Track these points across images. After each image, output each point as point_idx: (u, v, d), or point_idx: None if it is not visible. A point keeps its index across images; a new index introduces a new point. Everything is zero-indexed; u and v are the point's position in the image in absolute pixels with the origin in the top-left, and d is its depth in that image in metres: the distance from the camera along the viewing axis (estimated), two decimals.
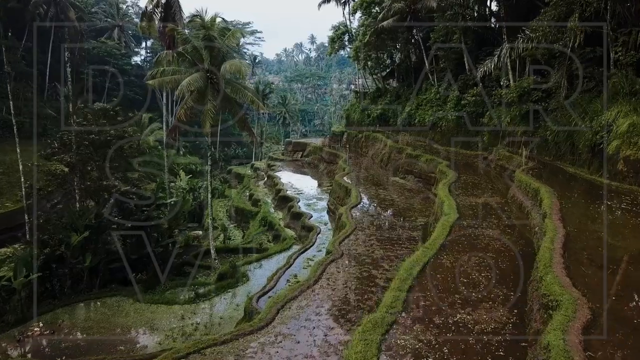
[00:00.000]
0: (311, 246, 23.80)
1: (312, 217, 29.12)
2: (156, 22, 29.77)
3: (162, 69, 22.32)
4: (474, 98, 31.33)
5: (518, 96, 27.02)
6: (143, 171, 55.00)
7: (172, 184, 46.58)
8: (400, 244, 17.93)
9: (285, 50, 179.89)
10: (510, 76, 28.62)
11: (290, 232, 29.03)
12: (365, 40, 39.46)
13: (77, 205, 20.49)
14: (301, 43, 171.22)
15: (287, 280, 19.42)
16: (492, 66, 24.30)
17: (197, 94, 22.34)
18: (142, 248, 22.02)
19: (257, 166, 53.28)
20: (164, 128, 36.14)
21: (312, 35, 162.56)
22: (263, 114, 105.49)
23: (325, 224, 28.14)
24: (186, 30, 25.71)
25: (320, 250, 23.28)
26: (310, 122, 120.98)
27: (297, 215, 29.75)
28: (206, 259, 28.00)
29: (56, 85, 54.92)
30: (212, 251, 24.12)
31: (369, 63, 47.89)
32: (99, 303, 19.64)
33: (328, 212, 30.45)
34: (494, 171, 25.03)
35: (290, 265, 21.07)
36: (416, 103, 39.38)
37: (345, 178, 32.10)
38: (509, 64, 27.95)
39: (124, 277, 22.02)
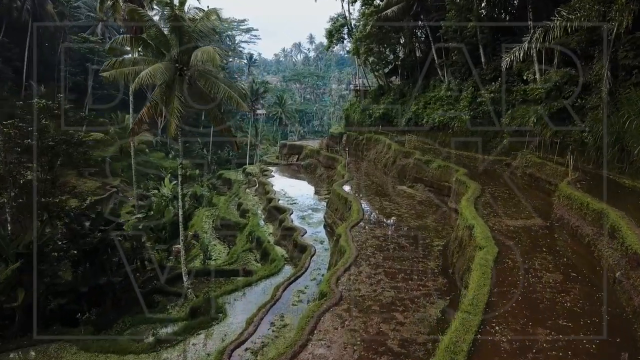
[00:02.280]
0: (303, 272, 19.77)
1: (306, 233, 25.06)
2: (121, 4, 25.60)
3: (121, 58, 18.35)
4: (492, 95, 27.31)
5: (547, 92, 23.07)
6: (126, 176, 51.21)
7: (155, 191, 42.50)
8: (415, 279, 13.87)
9: (283, 50, 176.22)
10: (536, 69, 24.57)
11: (280, 251, 24.97)
12: (367, 31, 35.41)
13: (10, 228, 16.45)
14: (300, 43, 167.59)
15: (271, 323, 15.41)
16: (521, 55, 20.25)
17: (166, 89, 18.32)
18: (95, 278, 17.94)
19: (249, 171, 49.20)
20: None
21: (311, 35, 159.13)
22: (260, 114, 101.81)
23: (322, 242, 24.06)
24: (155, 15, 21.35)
25: (314, 279, 19.25)
26: (309, 123, 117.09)
27: (289, 231, 25.69)
28: (181, 284, 23.97)
29: (31, 83, 50.80)
30: (184, 278, 20.04)
31: (370, 58, 43.83)
32: (33, 353, 15.53)
33: (325, 227, 26.42)
34: (522, 181, 20.97)
35: (277, 301, 17.05)
36: (423, 101, 35.34)
37: (344, 187, 28.05)
38: (535, 54, 23.92)
39: (74, 313, 17.96)
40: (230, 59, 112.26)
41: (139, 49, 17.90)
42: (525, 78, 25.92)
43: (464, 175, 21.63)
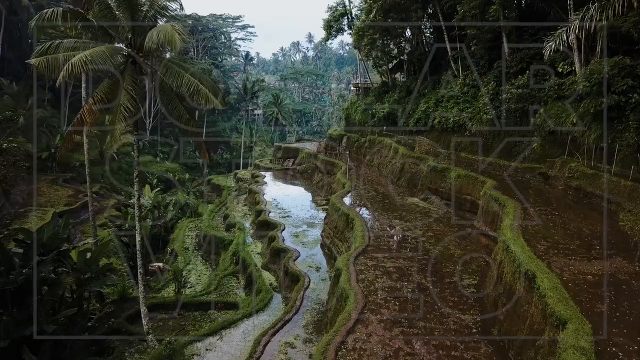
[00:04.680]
0: (294, 314, 15.60)
1: (299, 256, 20.91)
2: None
3: (57, 42, 14.27)
4: (518, 90, 23.11)
5: (592, 85, 18.89)
6: (107, 182, 46.92)
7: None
8: (448, 347, 9.72)
9: (282, 49, 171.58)
10: (576, 59, 20.42)
11: (269, 278, 20.85)
12: (370, 19, 31.18)
13: None
14: (298, 42, 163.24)
15: None
16: (570, 38, 16.12)
17: (115, 81, 14.16)
18: (21, 328, 13.75)
19: (240, 176, 44.95)
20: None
21: (310, 34, 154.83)
22: (257, 114, 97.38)
23: (318, 268, 19.92)
24: None
25: (306, 325, 15.08)
26: (308, 124, 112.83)
27: (279, 253, 21.54)
28: (154, 316, 19.80)
29: (2, 81, 46.61)
30: (144, 321, 15.81)
31: (373, 52, 39.63)
32: None
33: (322, 247, 22.27)
34: (567, 197, 16.81)
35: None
36: (434, 99, 31.20)
37: (345, 199, 23.89)
38: (575, 41, 19.74)
39: None
40: (226, 58, 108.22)
41: (79, 29, 13.81)
42: (560, 70, 21.82)
43: (494, 189, 17.47)
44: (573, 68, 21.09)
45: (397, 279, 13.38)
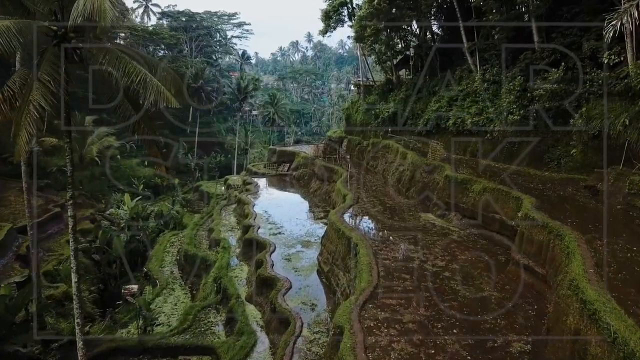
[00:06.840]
0: None
1: (291, 287, 17.14)
2: None
3: None
4: (553, 86, 19.39)
5: None
6: (87, 190, 43.16)
7: (112, 210, 34.62)
8: None
9: (280, 49, 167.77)
10: (628, 47, 16.69)
11: (254, 314, 17.19)
12: (374, 5, 27.41)
13: None
14: (297, 41, 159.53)
15: None
16: None
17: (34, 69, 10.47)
18: None
19: (231, 182, 41.17)
20: None
21: (309, 34, 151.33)
22: (255, 115, 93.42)
23: (314, 305, 16.16)
24: None
25: None
26: (307, 124, 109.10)
27: (267, 283, 17.79)
28: None
29: None
30: None
31: (376, 46, 35.90)
32: None
33: (319, 274, 18.53)
34: (634, 222, 13.03)
35: None
36: (447, 98, 27.49)
37: (346, 215, 20.16)
38: (626, 26, 15.96)
39: None
40: (222, 56, 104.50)
41: None
42: (605, 62, 18.07)
43: (535, 208, 13.72)
44: (621, 59, 17.39)
45: (421, 342, 9.62)
